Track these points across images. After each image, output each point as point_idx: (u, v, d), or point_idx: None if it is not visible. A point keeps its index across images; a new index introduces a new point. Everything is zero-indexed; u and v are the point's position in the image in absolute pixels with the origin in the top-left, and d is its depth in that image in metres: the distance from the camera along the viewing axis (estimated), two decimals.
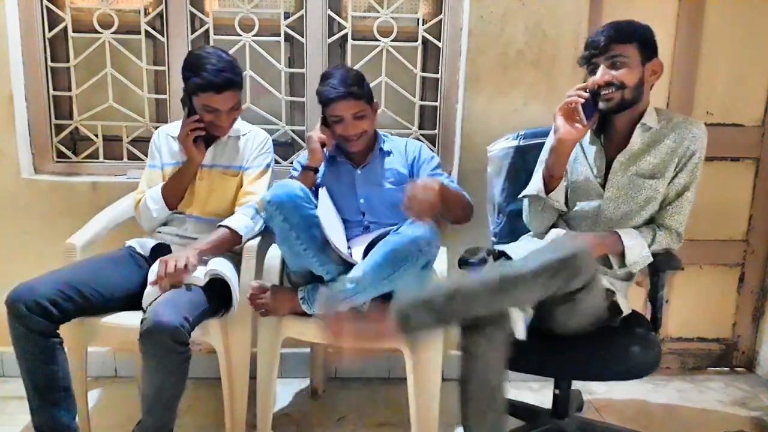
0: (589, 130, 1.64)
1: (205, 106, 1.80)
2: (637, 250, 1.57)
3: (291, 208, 1.63)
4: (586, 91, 1.56)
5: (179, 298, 1.60)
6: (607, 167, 1.65)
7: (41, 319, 1.53)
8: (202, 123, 1.83)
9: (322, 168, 1.94)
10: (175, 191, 1.88)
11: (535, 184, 1.68)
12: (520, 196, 1.73)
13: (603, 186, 1.65)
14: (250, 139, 1.96)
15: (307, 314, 1.71)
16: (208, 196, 1.90)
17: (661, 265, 1.63)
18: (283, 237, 1.66)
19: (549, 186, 1.65)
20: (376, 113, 1.94)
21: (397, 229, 1.66)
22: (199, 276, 1.68)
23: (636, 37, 1.55)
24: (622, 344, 1.57)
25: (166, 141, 1.94)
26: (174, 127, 1.95)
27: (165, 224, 1.93)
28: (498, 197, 1.95)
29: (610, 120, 1.64)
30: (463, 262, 1.74)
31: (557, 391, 1.77)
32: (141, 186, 1.94)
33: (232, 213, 1.87)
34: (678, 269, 1.65)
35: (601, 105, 1.57)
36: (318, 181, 1.92)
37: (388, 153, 1.97)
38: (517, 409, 1.99)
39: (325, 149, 1.88)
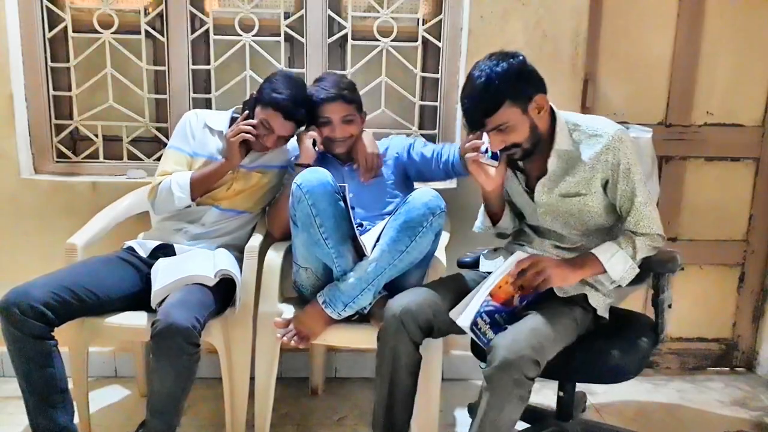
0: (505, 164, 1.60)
1: (265, 121, 1.80)
2: (620, 266, 1.51)
3: (320, 194, 1.62)
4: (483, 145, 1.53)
5: (190, 299, 1.60)
6: (533, 188, 1.61)
7: (36, 323, 1.52)
8: (253, 129, 1.81)
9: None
10: (205, 187, 1.86)
11: (480, 222, 1.75)
12: (473, 229, 1.78)
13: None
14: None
15: (346, 320, 1.71)
16: (240, 193, 1.91)
17: (658, 268, 1.58)
18: (306, 223, 1.64)
19: (494, 219, 1.71)
20: (363, 123, 1.95)
21: (401, 204, 1.67)
22: (209, 276, 1.68)
23: (504, 97, 1.44)
24: (601, 347, 1.56)
25: (204, 131, 1.92)
26: (214, 119, 1.94)
27: (178, 217, 1.91)
28: None
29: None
30: (461, 263, 1.79)
31: (561, 393, 1.76)
32: (164, 166, 1.87)
33: (257, 208, 1.96)
34: (674, 271, 1.59)
35: (514, 157, 1.55)
36: None
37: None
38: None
39: (316, 147, 1.87)
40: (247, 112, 1.84)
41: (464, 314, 1.49)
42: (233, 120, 1.93)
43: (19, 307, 1.51)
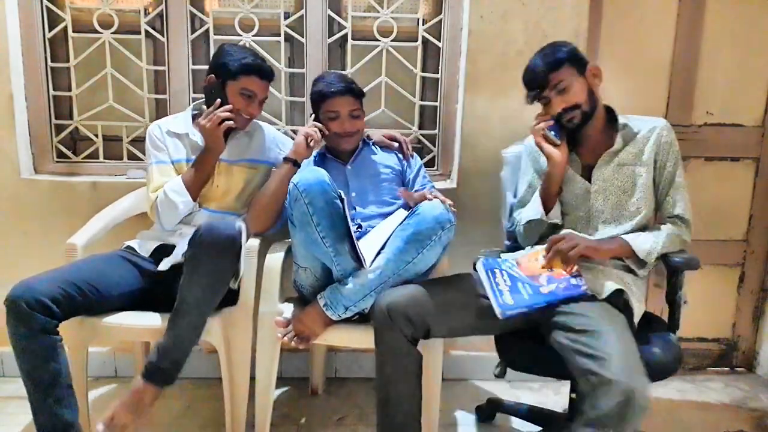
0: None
1: (244, 89, 1.82)
2: (649, 243, 1.60)
3: (317, 194, 1.61)
4: (551, 119, 1.65)
5: (224, 221, 1.67)
6: (589, 169, 1.70)
7: (43, 317, 1.52)
8: (232, 114, 1.81)
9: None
10: (199, 182, 1.85)
11: (536, 209, 1.71)
12: (524, 222, 1.74)
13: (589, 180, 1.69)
14: (265, 132, 2.01)
15: (346, 320, 1.71)
16: (227, 191, 1.90)
17: (681, 266, 1.63)
18: (303, 222, 1.64)
19: (547, 206, 1.70)
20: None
21: (411, 215, 1.66)
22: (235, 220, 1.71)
23: (565, 59, 1.62)
24: (641, 347, 1.50)
25: (170, 139, 1.90)
26: (176, 124, 1.93)
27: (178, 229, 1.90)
28: (512, 199, 1.93)
29: (579, 132, 1.69)
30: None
31: (573, 395, 1.74)
32: (156, 182, 1.84)
33: (247, 206, 1.92)
34: (697, 268, 1.64)
35: (568, 126, 1.66)
36: None
37: (373, 147, 2.01)
38: (533, 413, 1.98)
39: (311, 143, 1.88)
40: (218, 101, 1.81)
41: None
42: (195, 117, 1.92)
43: (26, 300, 1.51)
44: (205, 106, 1.89)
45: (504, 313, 1.51)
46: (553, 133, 1.65)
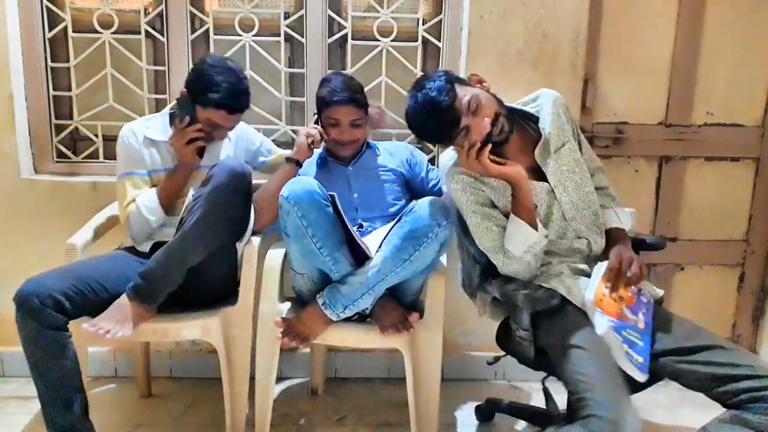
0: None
1: (210, 120, 1.79)
2: (626, 216, 1.69)
3: (308, 204, 1.61)
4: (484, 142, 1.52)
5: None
6: (531, 171, 1.60)
7: (54, 313, 1.52)
8: (202, 133, 1.80)
9: (314, 170, 1.96)
10: (173, 197, 1.83)
11: (531, 234, 1.53)
12: (529, 256, 1.54)
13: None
14: (239, 134, 2.00)
15: (346, 320, 1.71)
16: None
17: (660, 246, 1.76)
18: (298, 235, 1.63)
19: (534, 224, 1.55)
20: (368, 124, 1.97)
21: (408, 213, 1.66)
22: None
23: (451, 81, 1.53)
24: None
25: (148, 147, 1.84)
26: (153, 129, 1.87)
27: (162, 226, 1.91)
28: (488, 249, 1.71)
29: (505, 142, 1.58)
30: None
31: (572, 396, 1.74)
32: (129, 196, 1.80)
33: None
34: (663, 248, 1.77)
35: (502, 138, 1.53)
36: None
37: (377, 150, 2.01)
38: (532, 413, 1.98)
39: (312, 145, 1.89)
40: (188, 118, 1.78)
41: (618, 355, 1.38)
42: (173, 118, 1.88)
43: (38, 296, 1.51)
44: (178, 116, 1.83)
45: (646, 375, 1.39)
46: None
